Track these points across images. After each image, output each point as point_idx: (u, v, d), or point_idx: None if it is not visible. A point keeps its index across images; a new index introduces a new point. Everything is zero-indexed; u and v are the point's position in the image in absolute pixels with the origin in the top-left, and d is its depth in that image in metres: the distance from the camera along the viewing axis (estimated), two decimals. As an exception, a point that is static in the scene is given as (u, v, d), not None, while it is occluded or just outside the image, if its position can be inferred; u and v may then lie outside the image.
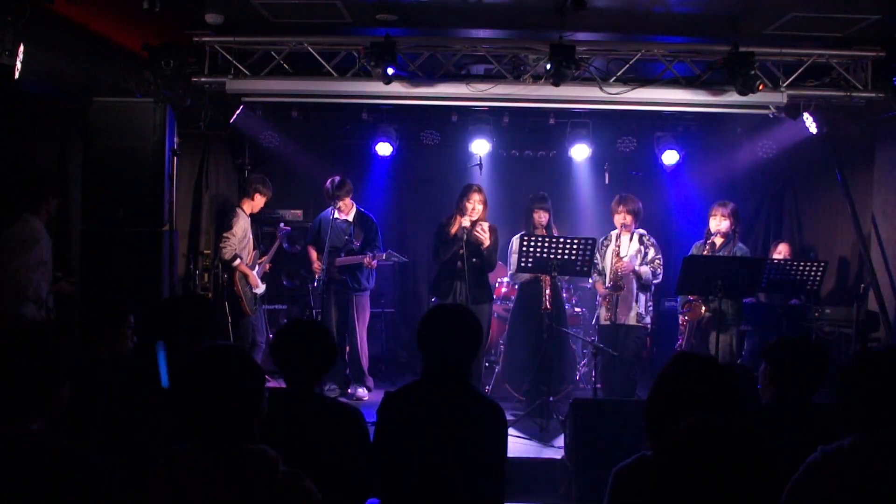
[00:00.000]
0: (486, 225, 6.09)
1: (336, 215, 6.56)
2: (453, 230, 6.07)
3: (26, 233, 4.81)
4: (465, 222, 5.99)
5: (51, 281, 4.98)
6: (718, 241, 6.07)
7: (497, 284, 7.32)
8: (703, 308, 5.87)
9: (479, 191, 6.15)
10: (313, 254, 6.71)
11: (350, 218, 6.69)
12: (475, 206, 6.07)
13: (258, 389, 2.02)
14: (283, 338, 2.84)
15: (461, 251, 5.94)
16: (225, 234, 6.42)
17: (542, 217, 6.44)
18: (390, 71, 5.58)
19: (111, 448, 2.48)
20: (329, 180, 6.56)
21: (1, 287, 4.75)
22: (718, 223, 6.06)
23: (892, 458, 2.07)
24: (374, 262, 6.52)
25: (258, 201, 6.62)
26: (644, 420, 2.17)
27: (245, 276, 6.46)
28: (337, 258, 6.53)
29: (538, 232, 6.28)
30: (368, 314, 6.84)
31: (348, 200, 6.66)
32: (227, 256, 6.36)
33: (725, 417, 1.63)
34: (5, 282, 4.73)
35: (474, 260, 6.06)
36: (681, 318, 6.19)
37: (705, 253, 6.03)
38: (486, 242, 6.07)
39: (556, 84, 5.68)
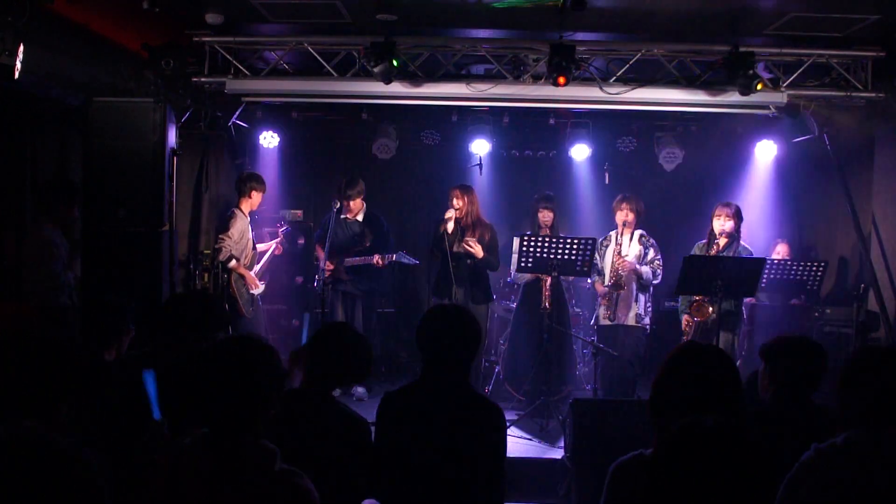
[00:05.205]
0: (472, 241, 6.16)
1: (346, 215, 6.56)
2: (441, 228, 6.24)
3: (52, 240, 5.20)
4: (449, 213, 6.19)
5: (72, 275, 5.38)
6: (723, 241, 6.00)
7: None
8: (711, 309, 5.83)
9: (459, 187, 6.34)
10: (321, 254, 6.72)
11: (360, 218, 6.70)
12: (453, 201, 6.25)
13: (274, 388, 2.03)
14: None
15: (454, 250, 6.09)
16: (221, 236, 6.41)
17: (546, 216, 6.43)
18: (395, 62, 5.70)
19: (112, 449, 2.49)
20: (343, 179, 6.61)
21: (37, 285, 5.19)
22: (723, 224, 5.99)
23: (885, 456, 2.08)
24: (384, 263, 6.51)
25: (256, 198, 6.62)
26: (649, 410, 2.16)
27: (241, 277, 6.45)
28: (346, 258, 6.54)
29: (543, 232, 6.27)
30: (375, 315, 6.86)
31: (359, 201, 6.66)
32: (223, 258, 6.35)
33: (719, 418, 1.64)
34: (42, 281, 5.15)
35: (469, 262, 6.17)
36: (684, 318, 6.13)
37: (713, 253, 5.98)
38: (479, 255, 6.17)
39: (557, 84, 5.68)
